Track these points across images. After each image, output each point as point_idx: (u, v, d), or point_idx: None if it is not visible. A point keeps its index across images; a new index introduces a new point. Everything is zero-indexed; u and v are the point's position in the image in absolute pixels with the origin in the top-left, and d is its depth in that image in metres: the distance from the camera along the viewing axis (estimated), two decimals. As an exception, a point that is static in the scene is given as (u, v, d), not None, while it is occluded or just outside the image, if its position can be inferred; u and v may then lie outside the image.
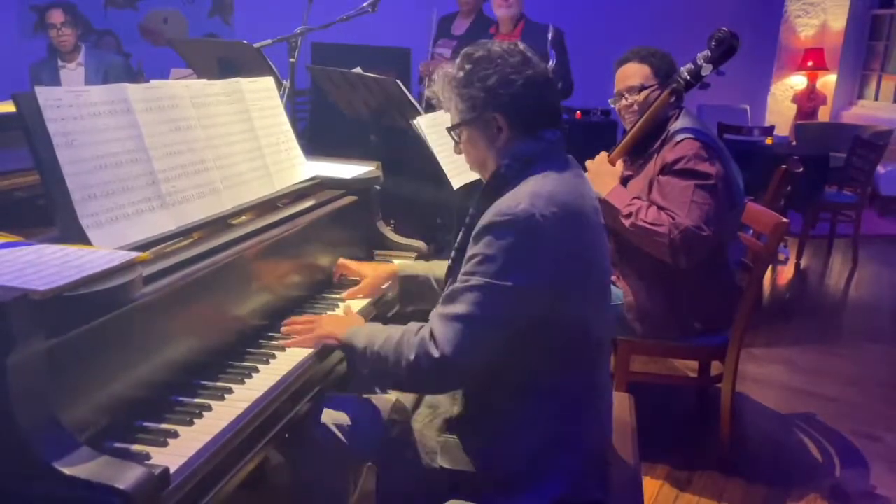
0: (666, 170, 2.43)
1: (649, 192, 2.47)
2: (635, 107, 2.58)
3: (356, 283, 2.06)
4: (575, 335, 1.50)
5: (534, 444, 1.51)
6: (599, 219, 1.59)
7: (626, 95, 2.60)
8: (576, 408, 1.54)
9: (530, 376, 1.50)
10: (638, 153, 2.58)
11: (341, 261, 2.10)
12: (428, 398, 1.66)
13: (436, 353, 1.40)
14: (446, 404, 1.62)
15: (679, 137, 2.44)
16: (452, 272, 1.60)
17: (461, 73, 1.54)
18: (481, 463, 1.52)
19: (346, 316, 1.85)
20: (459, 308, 1.41)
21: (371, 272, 2.05)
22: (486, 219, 1.44)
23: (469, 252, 1.46)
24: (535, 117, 1.54)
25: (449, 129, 1.62)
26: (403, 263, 2.13)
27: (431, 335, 1.41)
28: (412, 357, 1.43)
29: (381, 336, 1.53)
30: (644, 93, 2.56)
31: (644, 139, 2.55)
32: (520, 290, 1.40)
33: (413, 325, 1.49)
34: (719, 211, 2.38)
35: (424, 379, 1.47)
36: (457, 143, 1.63)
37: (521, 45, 1.57)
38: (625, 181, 2.59)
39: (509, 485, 1.51)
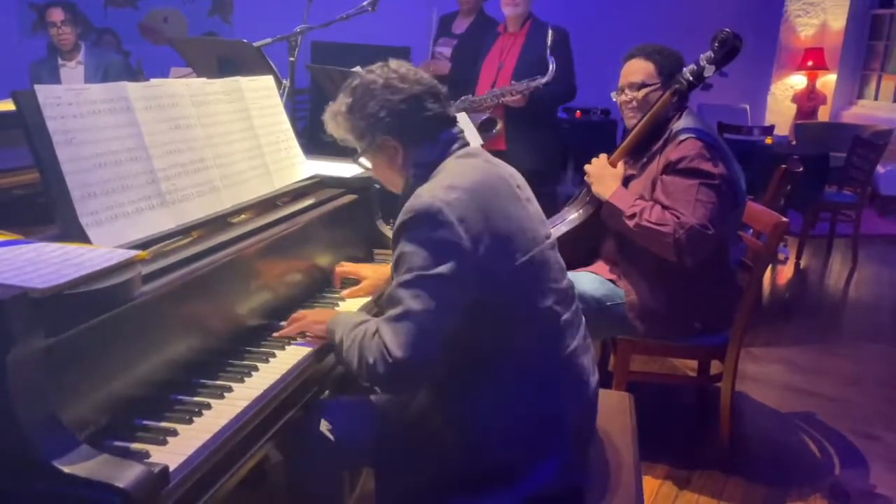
0: (669, 169, 2.42)
1: (652, 192, 2.47)
2: (634, 103, 2.58)
3: (357, 282, 2.06)
4: (519, 309, 1.52)
5: (518, 428, 1.52)
6: (520, 192, 1.62)
7: (627, 91, 2.60)
8: (552, 388, 1.55)
9: (493, 360, 1.52)
10: (640, 153, 2.58)
11: (339, 266, 2.10)
12: (417, 401, 1.66)
13: (389, 359, 1.41)
14: (432, 404, 1.62)
15: (682, 137, 2.43)
16: None
17: (344, 107, 1.61)
18: (474, 455, 1.53)
19: (331, 310, 1.86)
20: (400, 308, 1.43)
21: (371, 273, 2.06)
22: (397, 221, 1.49)
23: (393, 256, 1.50)
24: (424, 127, 1.59)
25: (355, 160, 1.68)
26: None
27: (383, 341, 1.43)
28: (371, 361, 1.44)
29: (350, 333, 1.54)
30: (644, 90, 2.56)
31: (646, 139, 2.55)
32: (449, 276, 1.42)
33: (371, 326, 1.50)
34: (723, 210, 2.38)
35: (385, 382, 1.48)
36: (368, 170, 1.71)
37: (395, 63, 1.62)
38: (627, 181, 2.59)
39: (504, 473, 1.52)
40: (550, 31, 3.63)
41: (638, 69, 2.59)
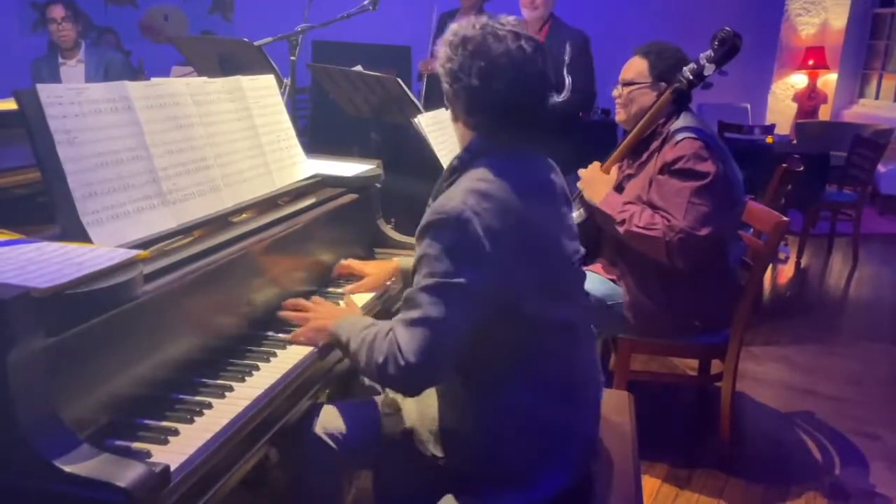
0: (665, 169, 2.43)
1: (649, 192, 2.47)
2: (621, 99, 2.59)
3: (360, 279, 2.06)
4: (540, 322, 1.49)
5: (531, 438, 1.51)
6: (558, 204, 1.57)
7: (620, 86, 2.61)
8: (562, 397, 1.53)
9: (506, 367, 1.50)
10: (639, 152, 2.58)
11: (343, 262, 2.09)
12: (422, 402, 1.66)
13: (402, 362, 1.39)
14: (433, 397, 1.61)
15: (679, 137, 2.44)
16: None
17: (454, 38, 1.50)
18: (474, 455, 1.52)
19: (340, 307, 1.84)
20: (418, 312, 1.40)
21: (374, 270, 2.05)
22: (424, 218, 1.45)
23: (416, 252, 1.46)
24: (498, 122, 1.50)
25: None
26: (405, 258, 2.13)
27: (397, 342, 1.41)
28: (381, 361, 1.42)
29: (358, 334, 1.52)
30: (629, 88, 2.57)
31: (645, 139, 2.55)
32: (472, 287, 1.39)
33: (384, 326, 1.48)
34: (717, 211, 2.37)
35: (394, 383, 1.48)
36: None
37: (530, 49, 1.46)
38: (626, 180, 2.60)
39: (506, 478, 1.51)
40: (568, 47, 3.59)
41: (632, 66, 2.60)
